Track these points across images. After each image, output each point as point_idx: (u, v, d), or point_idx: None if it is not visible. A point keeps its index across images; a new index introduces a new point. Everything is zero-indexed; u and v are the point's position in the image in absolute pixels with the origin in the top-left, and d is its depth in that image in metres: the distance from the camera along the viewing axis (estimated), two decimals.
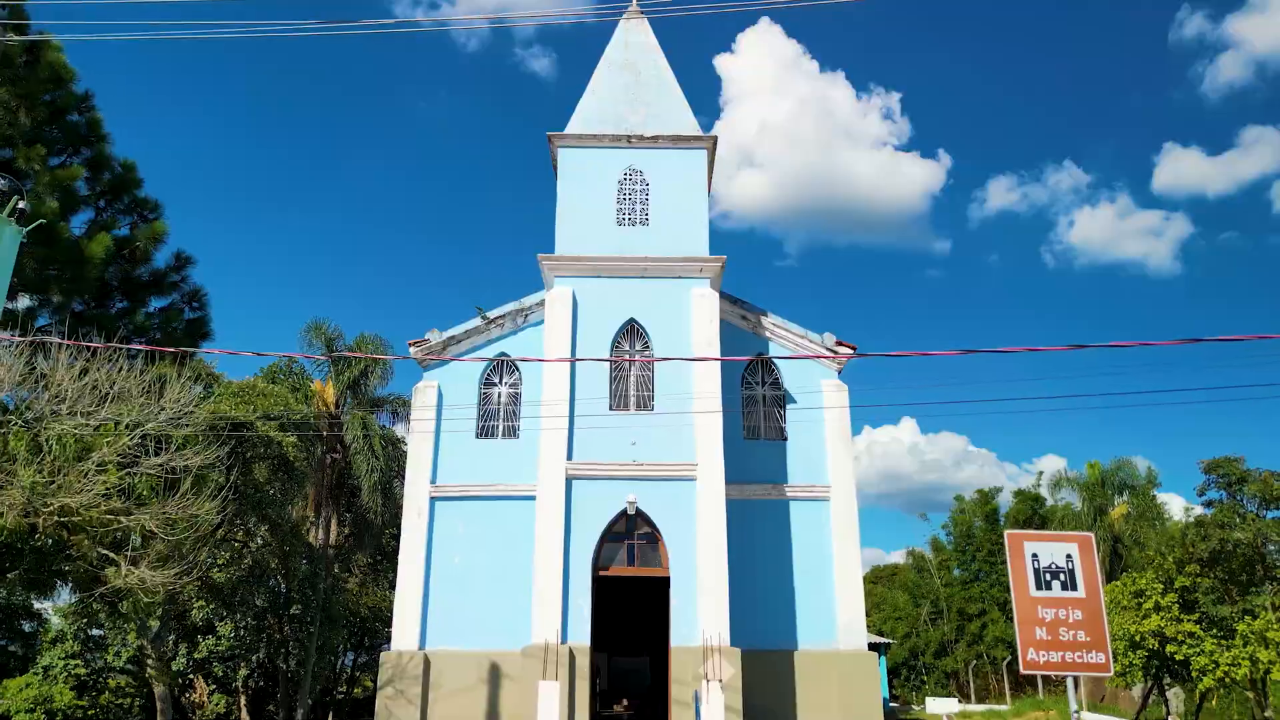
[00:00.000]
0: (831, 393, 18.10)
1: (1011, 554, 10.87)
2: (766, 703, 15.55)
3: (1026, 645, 10.54)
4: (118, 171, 17.02)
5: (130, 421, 14.11)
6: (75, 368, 13.70)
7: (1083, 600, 10.61)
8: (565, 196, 18.02)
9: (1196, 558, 22.26)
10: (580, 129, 18.57)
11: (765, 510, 17.49)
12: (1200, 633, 21.65)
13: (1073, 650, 10.48)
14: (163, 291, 17.59)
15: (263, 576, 27.51)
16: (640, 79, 19.35)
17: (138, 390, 14.22)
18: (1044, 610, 10.57)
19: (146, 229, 16.62)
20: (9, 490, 12.34)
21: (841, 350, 18.36)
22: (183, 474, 14.42)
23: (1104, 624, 10.60)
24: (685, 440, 16.18)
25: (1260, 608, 21.83)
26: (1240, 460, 23.05)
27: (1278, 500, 22.26)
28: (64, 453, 13.25)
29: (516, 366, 18.35)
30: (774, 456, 17.96)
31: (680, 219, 17.77)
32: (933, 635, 45.35)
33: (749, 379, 18.54)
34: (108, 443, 13.33)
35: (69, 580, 16.16)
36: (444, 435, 17.90)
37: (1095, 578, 10.76)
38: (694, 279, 17.19)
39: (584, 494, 15.87)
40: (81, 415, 13.47)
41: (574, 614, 15.05)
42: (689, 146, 18.31)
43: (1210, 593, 22.54)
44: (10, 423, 13.76)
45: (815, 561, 17.14)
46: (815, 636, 16.65)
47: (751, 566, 16.59)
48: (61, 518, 12.91)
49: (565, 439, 16.14)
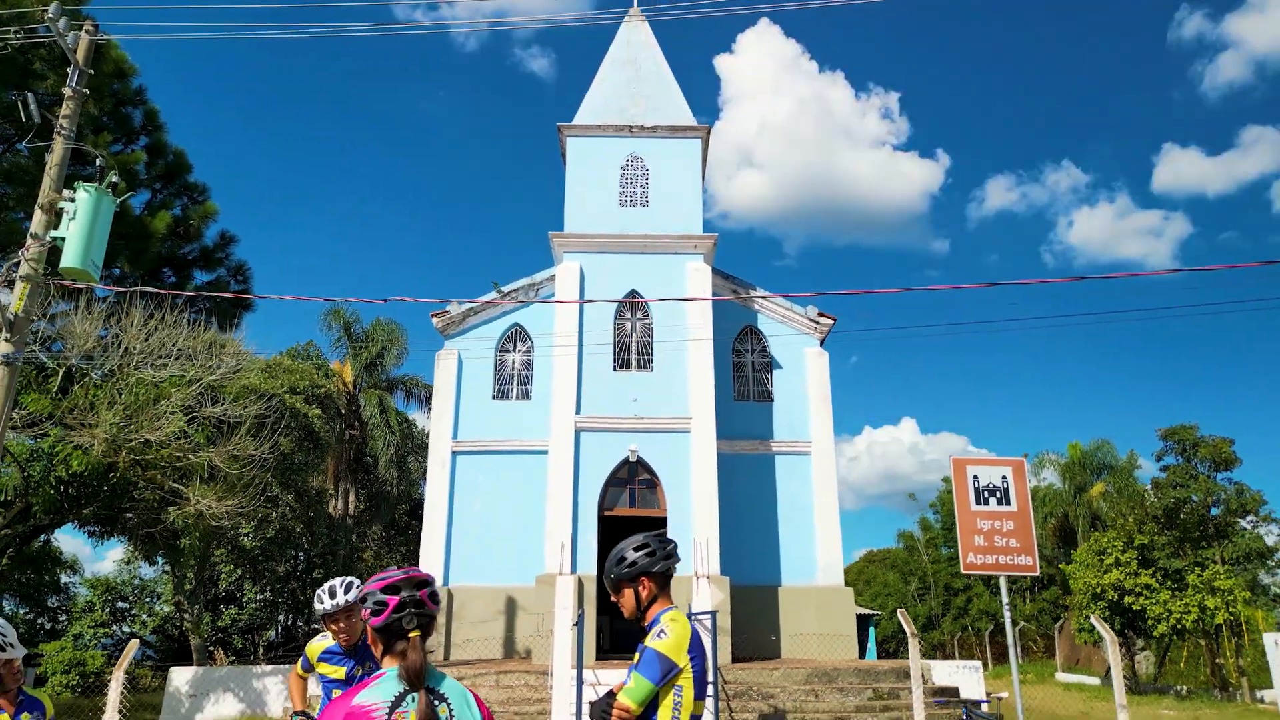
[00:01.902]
0: (813, 359, 20.07)
1: (955, 475, 12.83)
2: (754, 629, 17.49)
3: (966, 550, 12.51)
4: (170, 159, 18.97)
5: (191, 376, 16.08)
6: (144, 329, 15.65)
7: (1014, 513, 12.57)
8: (573, 180, 19.98)
9: (1153, 515, 24.20)
10: (587, 120, 20.52)
11: (753, 464, 19.42)
12: (1156, 585, 23.56)
13: (1005, 554, 12.46)
14: (210, 266, 19.54)
15: (288, 541, 29.42)
16: (641, 74, 21.31)
17: (198, 349, 16.18)
18: (981, 522, 12.53)
19: (199, 209, 18.55)
20: (94, 430, 14.29)
21: (823, 320, 20.31)
22: (235, 423, 16.38)
23: (1032, 533, 12.56)
24: (680, 397, 18.13)
25: (1209, 560, 23.78)
26: (1194, 428, 25.02)
27: (1227, 463, 24.20)
28: (136, 400, 15.22)
29: (529, 334, 20.29)
30: (761, 416, 19.90)
31: (677, 201, 19.72)
32: (921, 610, 47.32)
33: (739, 346, 20.49)
34: (175, 390, 15.29)
35: (131, 521, 18.11)
36: (463, 396, 19.83)
37: (1025, 496, 12.74)
38: (689, 254, 19.14)
39: (591, 444, 17.81)
40: (151, 368, 15.43)
41: (582, 548, 16.99)
42: (685, 136, 20.26)
43: (1166, 549, 24.45)
44: (90, 375, 15.73)
45: (797, 509, 19.07)
46: (797, 574, 18.59)
47: (741, 514, 18.52)
48: (137, 456, 14.85)
49: (574, 396, 18.08)
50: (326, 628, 4.70)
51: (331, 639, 4.73)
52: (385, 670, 2.39)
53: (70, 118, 12.45)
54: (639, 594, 3.27)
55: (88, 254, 11.14)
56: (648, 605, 3.27)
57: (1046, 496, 40.18)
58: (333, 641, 4.73)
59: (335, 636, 4.69)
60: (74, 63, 12.60)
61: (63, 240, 11.08)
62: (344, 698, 2.31)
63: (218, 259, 19.41)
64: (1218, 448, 24.13)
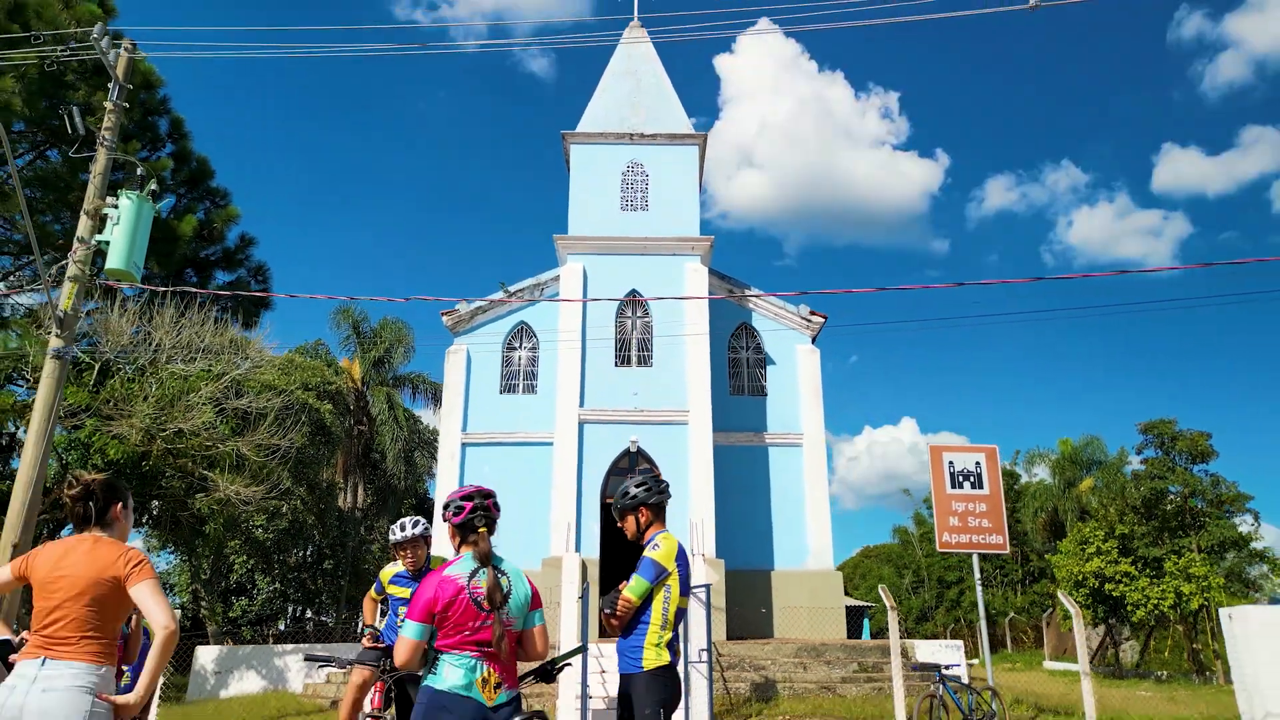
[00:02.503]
0: (805, 355, 21.09)
1: (933, 462, 13.83)
2: (748, 610, 18.50)
3: (942, 530, 13.53)
4: (194, 165, 19.98)
5: (218, 370, 17.10)
6: (175, 326, 16.66)
7: (987, 496, 13.58)
8: (576, 185, 21.00)
9: (1132, 505, 25.19)
10: (589, 128, 21.54)
11: (748, 455, 20.43)
12: (1135, 572, 24.57)
13: (978, 534, 13.46)
14: (231, 267, 20.54)
15: (300, 533, 30.41)
16: (641, 84, 22.32)
17: (224, 345, 17.20)
18: (956, 504, 13.54)
19: (221, 213, 19.57)
20: (131, 420, 15.31)
21: (814, 319, 21.32)
22: (259, 415, 17.40)
23: (1003, 515, 13.57)
24: (678, 391, 19.14)
25: (1186, 548, 24.78)
26: (1173, 422, 26.00)
27: (1204, 455, 25.20)
28: (168, 393, 16.24)
29: (534, 332, 21.30)
30: (755, 409, 20.90)
31: (675, 205, 20.73)
32: (914, 603, 48.31)
33: (734, 343, 21.50)
34: (204, 384, 16.31)
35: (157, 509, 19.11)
36: (472, 391, 20.84)
37: (998, 480, 13.75)
38: (686, 255, 20.15)
39: (593, 436, 18.82)
40: (181, 363, 16.45)
41: (585, 533, 18.01)
42: (682, 143, 21.27)
43: (1145, 538, 25.43)
44: (124, 369, 16.74)
45: (789, 498, 20.08)
46: (789, 559, 19.60)
47: (736, 502, 19.53)
48: (170, 445, 15.86)
49: (578, 390, 19.09)
50: (397, 555, 5.73)
51: (401, 565, 5.76)
52: (463, 554, 3.42)
53: (111, 129, 13.38)
54: (639, 520, 4.31)
55: (130, 256, 12.09)
56: (645, 528, 4.31)
57: (1038, 492, 41.13)
58: (402, 568, 5.76)
59: (404, 563, 5.72)
60: (115, 79, 13.49)
61: (106, 244, 12.02)
62: (436, 572, 3.34)
63: (238, 260, 20.43)
64: (1195, 441, 25.12)
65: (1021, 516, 40.51)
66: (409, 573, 5.74)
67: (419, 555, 5.70)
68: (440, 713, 3.21)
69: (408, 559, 5.71)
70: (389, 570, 5.86)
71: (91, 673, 3.16)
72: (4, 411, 15.66)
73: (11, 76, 16.47)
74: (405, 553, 5.71)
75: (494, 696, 3.28)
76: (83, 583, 3.22)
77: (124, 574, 3.26)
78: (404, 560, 5.74)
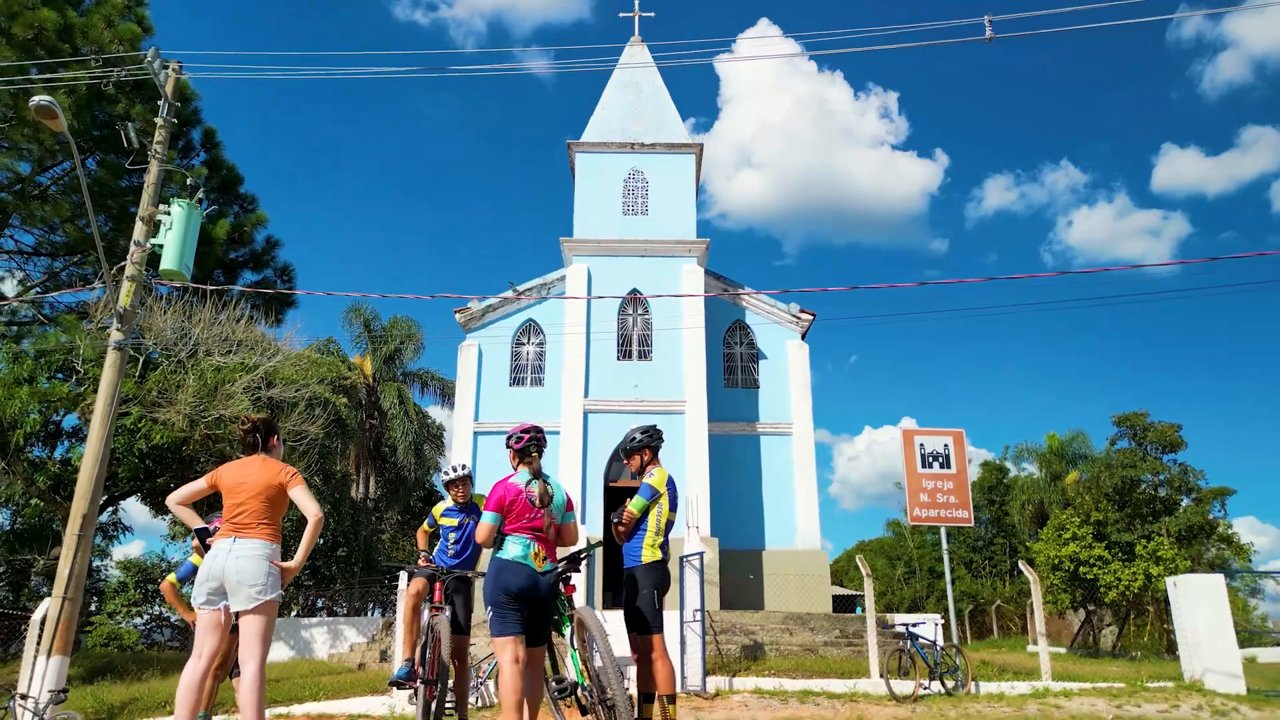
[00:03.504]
0: (794, 350, 22.55)
1: (905, 444, 15.31)
2: (741, 585, 19.97)
3: (913, 506, 15.00)
4: (225, 173, 21.43)
5: (250, 363, 18.56)
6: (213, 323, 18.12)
7: (953, 475, 15.06)
8: (581, 191, 22.47)
9: (1104, 493, 26.65)
10: (593, 138, 23.01)
11: (741, 443, 21.89)
12: (1108, 556, 26.02)
13: (945, 509, 14.94)
14: (259, 268, 21.99)
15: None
16: (641, 96, 23.79)
17: (255, 340, 18.67)
18: (926, 482, 15.02)
19: (250, 217, 21.03)
20: (176, 407, 16.76)
21: (803, 316, 22.78)
22: (290, 405, 18.86)
23: (968, 492, 15.05)
24: (676, 383, 20.61)
25: (1156, 533, 26.23)
26: (1145, 414, 27.48)
27: (1173, 445, 26.66)
28: (206, 384, 17.70)
29: (541, 328, 22.77)
30: (748, 401, 22.37)
31: (673, 210, 22.21)
32: (906, 593, 49.83)
33: (729, 339, 22.96)
34: (239, 375, 17.77)
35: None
36: (483, 383, 22.30)
37: (964, 461, 15.22)
38: (684, 257, 21.62)
39: (597, 425, 20.29)
40: (218, 356, 17.91)
41: (590, 515, 19.44)
42: (680, 152, 22.75)
43: (1118, 524, 26.87)
44: (165, 363, 18.20)
45: (779, 482, 21.54)
46: (779, 539, 21.06)
47: (730, 486, 20.98)
48: (209, 431, 17.32)
49: (582, 382, 20.56)
50: (448, 491, 7.23)
51: (450, 500, 7.26)
52: (520, 469, 4.90)
53: (162, 144, 14.81)
54: (642, 459, 5.79)
55: (182, 258, 13.55)
56: (645, 464, 5.79)
57: (1025, 485, 42.56)
58: (451, 503, 7.25)
59: (453, 497, 7.22)
60: (165, 97, 14.91)
61: (160, 247, 13.46)
62: (502, 482, 4.81)
63: (265, 261, 21.87)
64: (1164, 432, 26.58)
65: (1010, 508, 41.91)
66: (457, 506, 7.24)
67: (465, 490, 7.23)
68: (504, 573, 4.71)
69: (457, 493, 7.22)
70: (440, 507, 7.38)
71: (267, 546, 4.64)
72: (56, 400, 17.10)
73: (64, 92, 17.91)
74: (456, 489, 7.22)
75: (541, 565, 4.79)
76: (258, 486, 4.68)
77: (285, 481, 4.74)
78: (454, 494, 7.23)
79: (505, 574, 4.74)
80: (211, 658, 4.60)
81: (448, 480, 7.29)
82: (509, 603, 4.72)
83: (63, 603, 11.52)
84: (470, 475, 7.40)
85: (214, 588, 4.56)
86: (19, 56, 18.16)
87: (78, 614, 12.09)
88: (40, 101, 12.12)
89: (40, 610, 11.72)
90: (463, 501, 7.26)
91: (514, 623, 4.70)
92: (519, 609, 4.73)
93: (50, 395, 16.75)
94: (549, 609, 4.96)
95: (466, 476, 7.32)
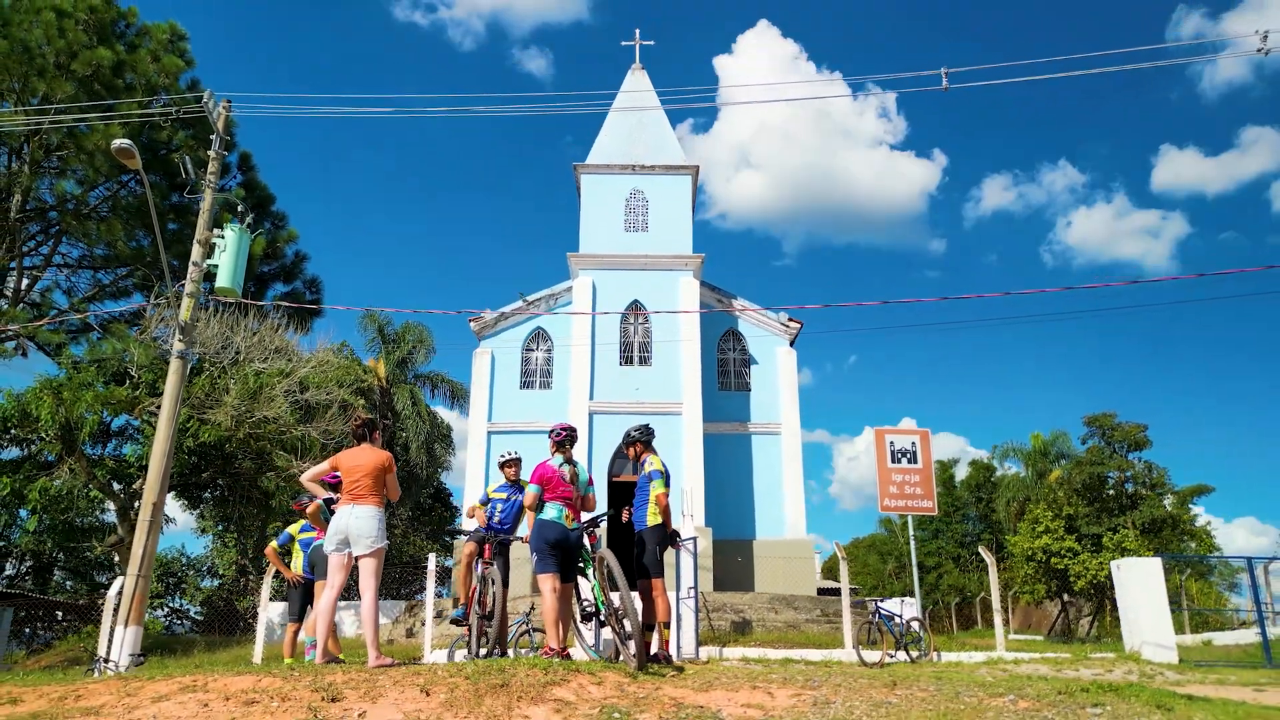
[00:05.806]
0: (783, 356, 24.45)
1: (877, 442, 17.15)
2: (734, 571, 21.84)
3: (884, 497, 16.85)
4: (259, 194, 23.31)
5: (286, 369, 20.43)
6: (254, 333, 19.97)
7: (920, 469, 16.90)
8: (586, 210, 24.36)
9: (1074, 488, 28.52)
10: (597, 160, 24.92)
11: (734, 442, 23.77)
12: (1078, 547, 27.88)
13: (912, 499, 16.79)
14: (289, 280, 23.89)
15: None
16: (642, 121, 25.69)
17: (291, 348, 20.53)
18: (895, 475, 16.85)
19: (283, 234, 22.93)
20: (223, 407, 18.64)
21: (791, 325, 24.67)
22: (324, 407, 20.73)
23: (933, 485, 16.91)
24: (674, 387, 22.50)
25: (1123, 526, 28.09)
26: (1113, 415, 29.33)
27: (1139, 445, 28.52)
28: (248, 387, 19.57)
29: (549, 336, 24.66)
30: (740, 403, 24.25)
31: (672, 226, 24.10)
32: (896, 587, 51.68)
33: (723, 345, 24.85)
34: (278, 380, 19.64)
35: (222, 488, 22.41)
36: (495, 387, 24.18)
37: (929, 456, 17.07)
38: (681, 271, 23.52)
39: (601, 424, 22.16)
40: (258, 362, 19.78)
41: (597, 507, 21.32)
42: (678, 173, 24.65)
43: (1088, 517, 28.73)
44: (209, 369, 20.07)
45: (769, 477, 23.42)
46: (768, 530, 22.94)
47: (724, 481, 22.86)
48: (252, 430, 19.19)
49: (588, 386, 22.44)
50: (502, 471, 9.02)
51: (504, 480, 9.05)
52: (555, 455, 6.79)
53: (215, 174, 16.63)
54: (637, 449, 7.65)
55: (235, 276, 15.38)
56: (641, 454, 7.65)
57: (1011, 483, 44.36)
58: (504, 481, 9.05)
59: (506, 476, 9.01)
60: (216, 132, 16.75)
61: (215, 267, 15.27)
62: (542, 464, 6.70)
63: (295, 273, 23.76)
64: (1131, 432, 28.43)
65: (996, 505, 43.72)
66: (508, 484, 9.04)
67: (517, 470, 9.01)
68: (545, 528, 6.60)
69: (510, 472, 9.02)
70: (492, 485, 9.19)
71: (377, 509, 6.50)
72: (115, 403, 18.95)
73: (117, 124, 19.78)
74: (510, 469, 9.02)
75: (570, 524, 6.68)
76: (369, 467, 6.54)
77: (386, 464, 6.60)
78: (507, 473, 9.02)
79: (546, 529, 6.63)
80: (339, 588, 6.47)
81: (502, 461, 9.08)
82: (548, 550, 6.61)
83: (137, 579, 13.35)
84: (520, 459, 9.12)
85: (341, 539, 6.41)
86: (77, 91, 20.02)
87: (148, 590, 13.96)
88: (121, 145, 14.06)
89: (115, 586, 13.55)
90: (513, 480, 9.03)
91: (553, 563, 6.59)
92: (556, 554, 6.62)
93: (110, 398, 18.58)
94: (576, 556, 6.84)
95: (518, 459, 9.08)
